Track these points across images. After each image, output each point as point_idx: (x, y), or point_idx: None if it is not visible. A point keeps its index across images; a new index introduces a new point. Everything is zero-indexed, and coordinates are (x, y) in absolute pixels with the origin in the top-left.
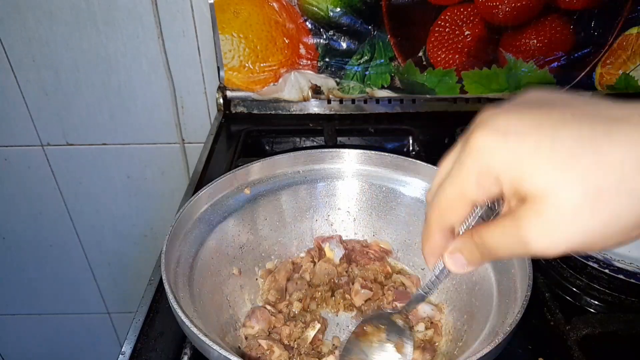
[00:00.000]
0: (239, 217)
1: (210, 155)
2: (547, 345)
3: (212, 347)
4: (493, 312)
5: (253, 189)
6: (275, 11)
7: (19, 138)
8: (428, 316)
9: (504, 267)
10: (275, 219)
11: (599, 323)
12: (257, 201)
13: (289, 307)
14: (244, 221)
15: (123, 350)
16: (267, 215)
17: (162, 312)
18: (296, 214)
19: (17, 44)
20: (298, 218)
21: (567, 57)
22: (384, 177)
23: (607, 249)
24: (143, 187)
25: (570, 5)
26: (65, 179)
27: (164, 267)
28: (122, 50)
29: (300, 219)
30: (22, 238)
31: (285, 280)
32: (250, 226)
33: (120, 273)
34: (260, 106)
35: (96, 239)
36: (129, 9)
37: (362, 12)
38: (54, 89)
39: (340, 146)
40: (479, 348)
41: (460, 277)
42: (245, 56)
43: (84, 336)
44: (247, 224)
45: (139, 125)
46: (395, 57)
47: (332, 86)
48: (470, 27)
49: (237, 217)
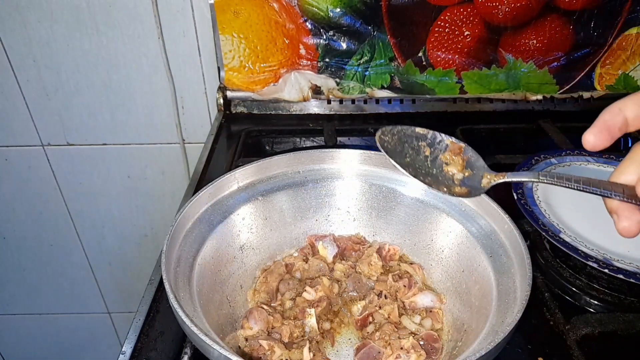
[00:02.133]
0: (239, 217)
1: (210, 155)
2: (546, 345)
3: (213, 346)
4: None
5: (253, 189)
6: (275, 11)
7: (19, 138)
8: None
9: (504, 267)
10: (275, 219)
11: (599, 323)
12: (257, 201)
13: (282, 306)
14: (244, 221)
15: (123, 350)
16: (267, 215)
17: (163, 312)
18: (296, 214)
19: (17, 44)
20: (298, 218)
21: (566, 57)
22: (384, 177)
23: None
24: (143, 187)
25: (570, 5)
26: (65, 179)
27: (164, 266)
28: (123, 50)
29: (300, 219)
30: (23, 238)
31: (276, 282)
32: (251, 226)
33: (120, 273)
34: (260, 106)
35: (96, 238)
36: (129, 9)
37: (362, 13)
38: (54, 89)
39: (340, 146)
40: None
41: (460, 277)
42: (245, 56)
43: (84, 336)
44: (247, 224)
45: (139, 125)
46: (395, 57)
47: (332, 86)
48: (470, 27)
49: (237, 217)
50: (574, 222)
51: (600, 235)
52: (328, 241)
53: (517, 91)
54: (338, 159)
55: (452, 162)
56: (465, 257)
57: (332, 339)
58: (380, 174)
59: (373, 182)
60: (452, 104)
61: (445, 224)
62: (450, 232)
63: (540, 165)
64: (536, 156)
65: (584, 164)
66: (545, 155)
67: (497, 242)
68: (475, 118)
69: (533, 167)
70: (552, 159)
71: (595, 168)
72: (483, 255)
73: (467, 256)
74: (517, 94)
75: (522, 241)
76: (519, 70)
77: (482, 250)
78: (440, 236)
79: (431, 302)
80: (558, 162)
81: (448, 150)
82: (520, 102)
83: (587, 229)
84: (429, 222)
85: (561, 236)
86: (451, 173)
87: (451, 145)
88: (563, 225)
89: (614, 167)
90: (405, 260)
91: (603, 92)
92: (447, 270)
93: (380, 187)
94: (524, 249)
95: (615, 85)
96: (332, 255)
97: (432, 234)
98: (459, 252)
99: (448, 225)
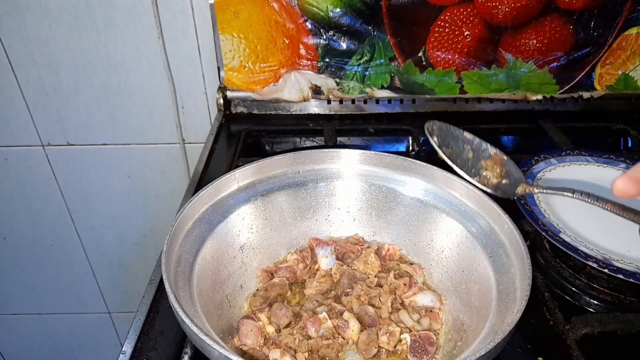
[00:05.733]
0: (239, 217)
1: (210, 155)
2: (546, 345)
3: (213, 346)
4: (492, 311)
5: (253, 189)
6: (275, 11)
7: (19, 138)
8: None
9: (504, 266)
10: (275, 219)
11: (598, 323)
12: (257, 201)
13: (274, 323)
14: (244, 221)
15: (124, 350)
16: (267, 215)
17: (163, 312)
18: (296, 214)
19: (17, 43)
20: (298, 218)
21: (566, 57)
22: (384, 177)
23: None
24: (143, 187)
25: (570, 5)
26: (65, 179)
27: (164, 266)
28: (122, 50)
29: (300, 219)
30: (22, 238)
31: (276, 295)
32: (251, 226)
33: (120, 273)
34: (260, 106)
35: (96, 238)
36: (129, 8)
37: (362, 13)
38: (54, 89)
39: (340, 146)
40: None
41: (460, 277)
42: (245, 56)
43: (84, 336)
44: (247, 224)
45: (139, 125)
46: (395, 57)
47: (332, 86)
48: (470, 27)
49: (237, 217)
50: (574, 222)
51: (600, 235)
52: (328, 251)
53: (517, 91)
54: (338, 159)
55: (491, 169)
56: (465, 257)
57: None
58: (380, 174)
59: (373, 182)
60: (452, 104)
61: (445, 224)
62: (450, 232)
63: (540, 165)
64: (536, 156)
65: (584, 164)
66: (545, 155)
67: (497, 242)
68: (475, 118)
69: (533, 167)
70: (552, 159)
71: (595, 168)
72: (483, 255)
73: (467, 256)
74: (517, 94)
75: (522, 241)
76: (519, 70)
77: (482, 250)
78: (440, 236)
79: (431, 302)
80: (558, 162)
81: (490, 158)
82: (521, 102)
83: (587, 229)
84: (429, 222)
85: (561, 236)
86: (488, 177)
87: (494, 156)
88: (563, 225)
89: (613, 167)
90: (404, 260)
91: (603, 92)
92: (447, 270)
93: (380, 187)
94: (523, 249)
95: (615, 85)
96: (329, 267)
97: (432, 234)
98: (459, 252)
99: (448, 225)
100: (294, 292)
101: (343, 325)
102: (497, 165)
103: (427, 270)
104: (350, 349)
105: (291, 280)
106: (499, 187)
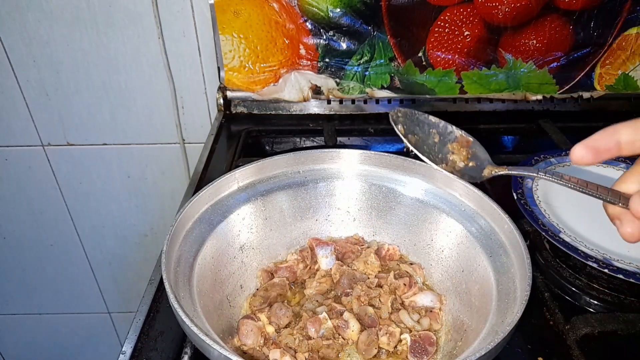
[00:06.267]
0: (239, 217)
1: (210, 155)
2: (546, 345)
3: (213, 346)
4: (492, 311)
5: (253, 189)
6: (275, 11)
7: (19, 138)
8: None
9: (504, 266)
10: (275, 219)
11: (598, 323)
12: (257, 201)
13: (274, 323)
14: (244, 221)
15: (123, 350)
16: (267, 215)
17: (163, 312)
18: (296, 214)
19: (17, 43)
20: (298, 218)
21: (566, 57)
22: (384, 177)
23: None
24: (143, 187)
25: (569, 5)
26: (65, 179)
27: (164, 266)
28: (123, 50)
29: (300, 219)
30: (23, 238)
31: (276, 295)
32: (251, 226)
33: (120, 273)
34: (260, 106)
35: (96, 238)
36: (129, 9)
37: (362, 13)
38: (54, 89)
39: (340, 146)
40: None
41: (460, 277)
42: (245, 56)
43: (84, 336)
44: (247, 224)
45: (139, 125)
46: (395, 57)
47: (332, 86)
48: (469, 27)
49: (237, 217)
50: (574, 222)
51: (600, 235)
52: (329, 251)
53: (517, 91)
54: (338, 159)
55: (458, 152)
56: (465, 257)
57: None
58: (380, 174)
59: (373, 182)
60: (452, 104)
61: (445, 224)
62: (450, 232)
63: (540, 165)
64: (536, 156)
65: None
66: (545, 155)
67: (497, 242)
68: (475, 118)
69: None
70: (552, 159)
71: (595, 168)
72: (483, 255)
73: (467, 256)
74: (517, 94)
75: (522, 241)
76: (518, 70)
77: (482, 250)
78: (440, 236)
79: (431, 302)
80: (558, 162)
81: (456, 141)
82: (520, 102)
83: (587, 229)
84: (429, 222)
85: (561, 236)
86: (455, 160)
87: (460, 138)
88: (563, 225)
89: (613, 167)
90: (404, 260)
91: (603, 92)
92: (447, 270)
93: (380, 187)
94: (523, 249)
95: (615, 85)
96: (329, 267)
97: (432, 234)
98: (458, 252)
99: (448, 225)
100: (294, 292)
101: (343, 325)
102: (464, 148)
103: (427, 270)
104: (350, 349)
105: (291, 280)
106: (466, 170)
